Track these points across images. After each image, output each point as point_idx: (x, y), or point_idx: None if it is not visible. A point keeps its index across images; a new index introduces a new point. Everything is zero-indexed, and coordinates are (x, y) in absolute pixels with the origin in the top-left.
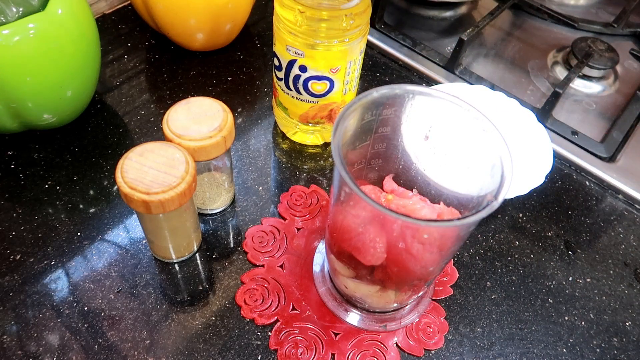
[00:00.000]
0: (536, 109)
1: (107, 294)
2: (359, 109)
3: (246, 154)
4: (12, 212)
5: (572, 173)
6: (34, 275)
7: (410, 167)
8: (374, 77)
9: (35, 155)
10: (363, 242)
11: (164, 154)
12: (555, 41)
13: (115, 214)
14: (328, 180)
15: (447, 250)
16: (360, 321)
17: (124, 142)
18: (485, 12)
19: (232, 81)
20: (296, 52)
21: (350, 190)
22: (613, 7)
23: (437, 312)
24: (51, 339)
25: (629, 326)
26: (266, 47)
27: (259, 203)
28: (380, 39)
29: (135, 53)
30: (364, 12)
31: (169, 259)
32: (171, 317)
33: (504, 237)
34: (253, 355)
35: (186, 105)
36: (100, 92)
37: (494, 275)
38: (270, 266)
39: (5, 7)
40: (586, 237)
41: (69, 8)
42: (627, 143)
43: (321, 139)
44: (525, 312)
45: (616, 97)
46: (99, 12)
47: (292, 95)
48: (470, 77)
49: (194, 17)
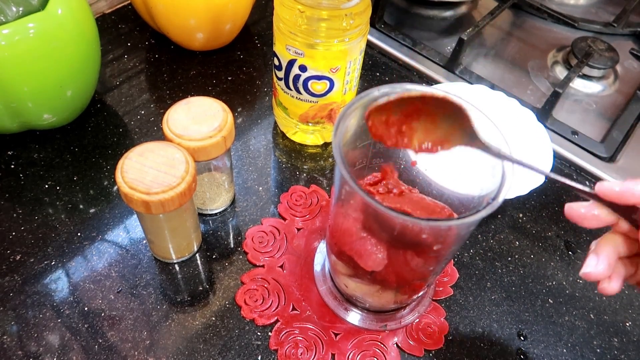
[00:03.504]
0: (536, 109)
1: (107, 294)
2: (360, 108)
3: (246, 154)
4: (12, 212)
5: (572, 173)
6: (34, 275)
7: (411, 167)
8: (374, 77)
9: (35, 155)
10: (364, 247)
11: (164, 154)
12: (555, 41)
13: (115, 214)
14: (328, 180)
15: (447, 250)
16: (360, 321)
17: (124, 142)
18: (485, 12)
19: (232, 81)
20: (296, 51)
21: (351, 189)
22: (613, 7)
23: (437, 312)
24: (51, 339)
25: (629, 326)
26: (266, 47)
27: (259, 203)
28: (380, 38)
29: (135, 53)
30: (364, 11)
31: (169, 259)
32: (171, 317)
33: (504, 237)
34: (253, 356)
35: (186, 105)
36: (100, 92)
37: (494, 276)
38: (270, 266)
39: (5, 6)
40: (586, 237)
41: (69, 8)
42: (627, 143)
43: (321, 139)
44: (525, 312)
45: (616, 97)
46: (99, 12)
47: (292, 95)
48: (470, 77)
49: (194, 17)
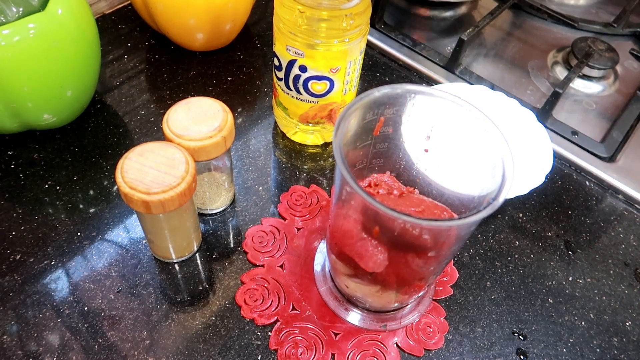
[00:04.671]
0: (536, 109)
1: (107, 294)
2: (360, 108)
3: (246, 154)
4: (12, 212)
5: (572, 173)
6: (34, 275)
7: (411, 167)
8: (374, 77)
9: (35, 155)
10: (365, 248)
11: (164, 154)
12: (555, 41)
13: (115, 214)
14: (328, 180)
15: (447, 250)
16: (360, 320)
17: (124, 142)
18: (485, 12)
19: (232, 81)
20: (296, 52)
21: (352, 190)
22: (613, 7)
23: (437, 312)
24: (51, 339)
25: (629, 326)
26: (266, 47)
27: (259, 203)
28: (380, 39)
29: (135, 53)
30: (364, 12)
31: (169, 259)
32: (171, 317)
33: (504, 237)
34: (253, 355)
35: (186, 105)
36: (100, 92)
37: (494, 275)
38: (270, 266)
39: (5, 7)
40: (586, 237)
41: (69, 8)
42: (627, 143)
43: (321, 139)
44: (525, 312)
45: (616, 97)
46: (99, 12)
47: (292, 95)
48: (470, 77)
49: (194, 17)
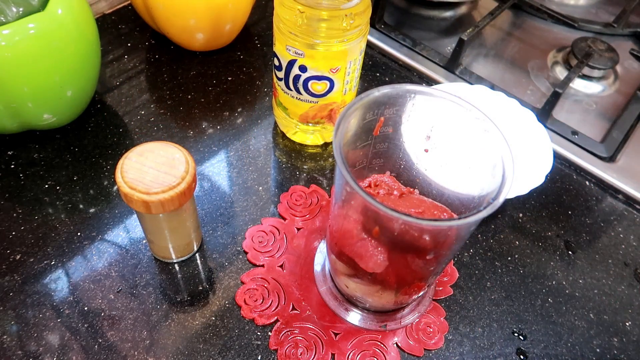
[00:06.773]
0: (536, 109)
1: (107, 294)
2: (360, 108)
3: (246, 154)
4: (12, 212)
5: (572, 173)
6: (34, 275)
7: (411, 167)
8: (374, 77)
9: (35, 155)
10: (365, 249)
11: (164, 154)
12: (555, 41)
13: (115, 214)
14: (328, 180)
15: (447, 250)
16: (360, 320)
17: (124, 142)
18: (485, 12)
19: (232, 81)
20: (296, 52)
21: (352, 190)
22: (613, 7)
23: (437, 312)
24: (51, 339)
25: (629, 326)
26: (266, 47)
27: (259, 203)
28: (380, 39)
29: (135, 53)
30: (364, 12)
31: (169, 259)
32: (171, 317)
33: (504, 237)
34: (253, 355)
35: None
36: (100, 92)
37: (494, 275)
38: (270, 266)
39: (5, 7)
40: (586, 237)
41: (69, 8)
42: (627, 143)
43: (321, 139)
44: (525, 312)
45: (616, 97)
46: (99, 12)
47: (292, 95)
48: (470, 77)
49: (194, 17)
